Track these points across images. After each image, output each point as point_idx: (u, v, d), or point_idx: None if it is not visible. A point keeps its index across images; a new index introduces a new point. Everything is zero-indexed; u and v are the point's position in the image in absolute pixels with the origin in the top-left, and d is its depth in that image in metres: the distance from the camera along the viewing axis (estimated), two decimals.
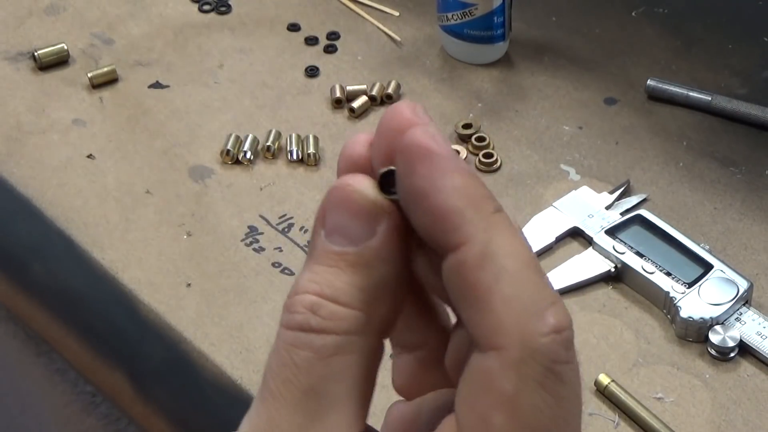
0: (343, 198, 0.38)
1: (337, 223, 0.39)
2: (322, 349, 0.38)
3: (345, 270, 0.38)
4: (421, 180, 0.37)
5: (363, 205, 0.38)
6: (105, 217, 0.89)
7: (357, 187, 0.38)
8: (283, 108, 0.98)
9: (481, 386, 0.37)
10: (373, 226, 0.38)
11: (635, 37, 1.03)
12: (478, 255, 0.37)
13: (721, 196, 0.88)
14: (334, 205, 0.39)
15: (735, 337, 0.77)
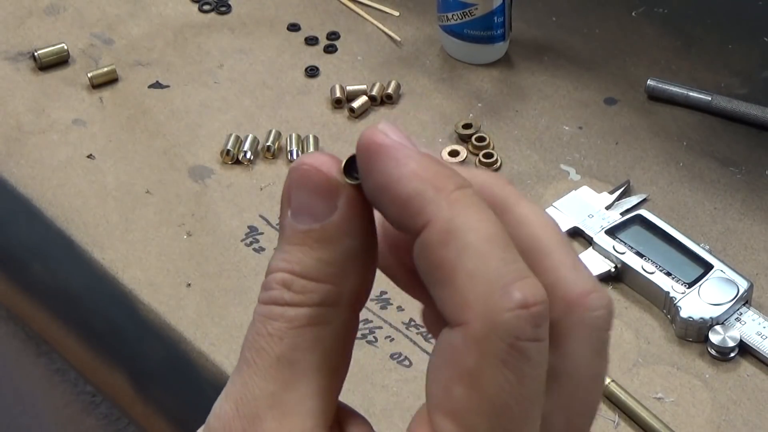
0: (302, 176, 0.40)
1: (301, 203, 0.40)
2: (295, 320, 0.39)
3: (312, 246, 0.40)
4: (380, 175, 0.38)
5: (320, 182, 0.39)
6: (105, 217, 0.89)
7: (313, 163, 0.40)
8: (283, 108, 0.98)
9: (446, 360, 0.37)
10: (334, 202, 0.39)
11: (635, 37, 1.03)
12: (441, 232, 0.37)
13: (721, 196, 0.88)
14: (295, 185, 0.40)
15: (735, 337, 0.77)
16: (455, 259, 0.37)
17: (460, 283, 0.37)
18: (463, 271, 0.37)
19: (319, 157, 0.40)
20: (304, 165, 0.40)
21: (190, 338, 0.80)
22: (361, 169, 0.39)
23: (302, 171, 0.40)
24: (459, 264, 0.37)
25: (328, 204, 0.40)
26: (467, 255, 0.37)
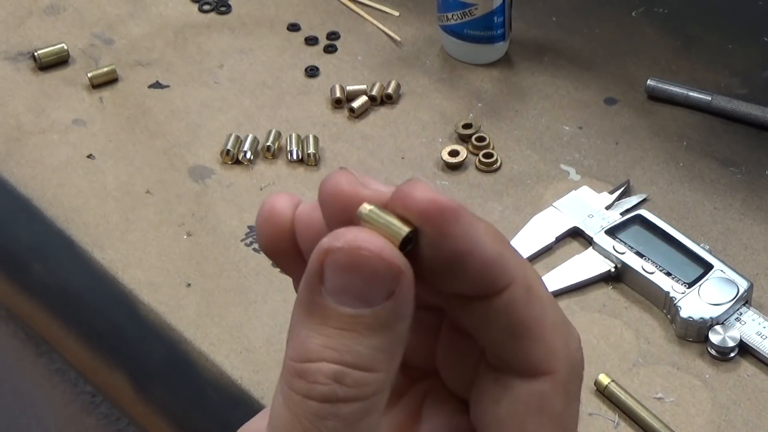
0: (354, 262, 0.37)
1: (347, 285, 0.37)
2: (351, 416, 0.37)
3: (362, 333, 0.37)
4: (459, 241, 0.37)
5: (379, 269, 0.37)
6: (105, 217, 0.89)
7: (370, 249, 0.37)
8: (283, 108, 0.98)
9: (533, 409, 0.38)
10: (391, 288, 0.37)
11: (635, 37, 1.03)
12: (525, 291, 0.38)
13: (721, 196, 0.88)
14: (342, 268, 0.37)
15: (735, 337, 0.77)
16: (540, 313, 0.38)
17: (547, 335, 0.38)
18: (548, 324, 0.38)
19: (373, 239, 0.37)
20: (359, 251, 0.37)
21: (190, 338, 0.80)
22: (434, 235, 0.37)
23: (357, 255, 0.37)
24: (543, 318, 0.38)
25: (383, 291, 0.37)
26: (548, 309, 0.39)
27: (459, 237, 0.37)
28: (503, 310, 0.38)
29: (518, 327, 0.38)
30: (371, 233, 0.37)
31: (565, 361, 0.38)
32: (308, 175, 0.92)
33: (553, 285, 0.81)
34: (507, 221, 0.87)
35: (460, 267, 0.37)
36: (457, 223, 0.37)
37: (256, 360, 0.78)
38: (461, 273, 0.37)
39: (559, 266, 0.83)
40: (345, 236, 0.37)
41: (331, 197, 0.40)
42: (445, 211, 0.37)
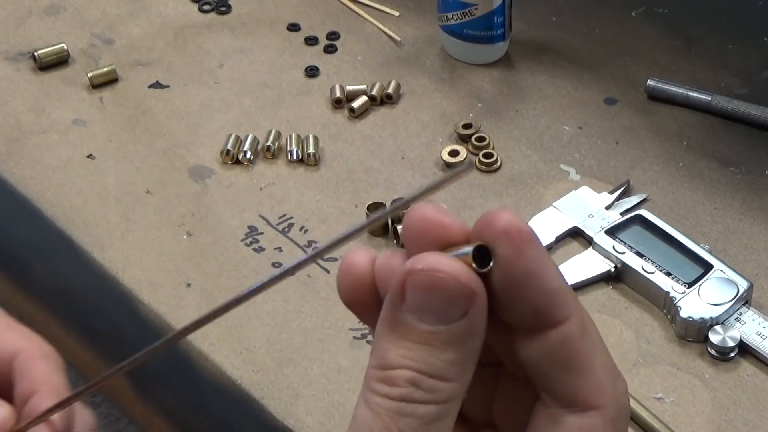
0: (433, 283, 0.40)
1: (426, 304, 0.41)
2: (426, 417, 0.41)
3: (439, 347, 0.41)
4: (532, 262, 0.41)
5: (455, 290, 0.40)
6: (105, 217, 0.89)
7: (448, 271, 0.40)
8: (283, 108, 0.98)
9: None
10: (466, 308, 0.41)
11: (635, 37, 1.03)
12: (580, 328, 0.41)
13: (721, 196, 0.88)
14: (422, 288, 0.41)
15: (735, 337, 0.77)
16: (592, 351, 0.42)
17: (597, 371, 0.41)
18: (600, 361, 0.42)
19: (451, 262, 0.41)
20: (438, 273, 0.40)
21: (190, 338, 0.80)
22: (510, 253, 0.41)
23: (433, 277, 0.40)
24: (595, 355, 0.42)
25: (459, 310, 0.41)
26: (599, 348, 0.42)
27: (532, 259, 0.41)
28: (559, 343, 0.41)
29: (572, 360, 0.41)
30: (449, 257, 0.41)
31: (613, 398, 0.42)
32: (308, 175, 0.92)
33: None
34: None
35: (528, 289, 0.41)
36: (533, 245, 0.41)
37: (256, 360, 0.78)
38: (528, 296, 0.41)
39: (559, 266, 0.83)
40: (426, 259, 0.41)
41: (416, 222, 0.43)
42: (524, 232, 0.41)
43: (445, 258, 0.41)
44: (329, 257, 0.85)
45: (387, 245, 0.86)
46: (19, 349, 0.65)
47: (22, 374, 0.64)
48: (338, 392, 0.76)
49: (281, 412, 0.75)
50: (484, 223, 0.42)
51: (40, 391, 0.63)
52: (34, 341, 0.66)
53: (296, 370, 0.78)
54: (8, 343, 0.65)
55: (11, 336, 0.66)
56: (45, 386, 0.63)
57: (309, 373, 0.77)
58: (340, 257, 0.85)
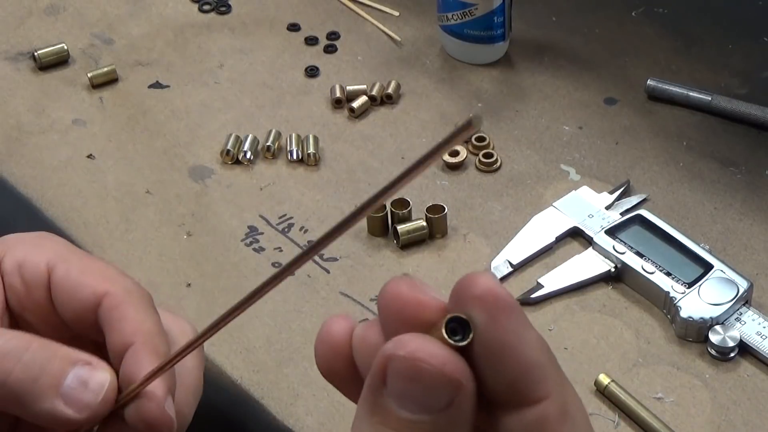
0: (415, 372, 0.38)
1: (408, 391, 0.38)
2: None
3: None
4: (507, 333, 0.38)
5: (440, 381, 0.38)
6: (105, 217, 0.89)
7: (431, 362, 0.37)
8: (283, 108, 0.98)
9: None
10: (451, 398, 0.38)
11: (635, 37, 1.03)
12: (559, 411, 0.38)
13: (721, 196, 0.88)
14: (403, 376, 0.38)
15: (735, 337, 0.77)
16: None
17: None
18: None
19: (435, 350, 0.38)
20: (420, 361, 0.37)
21: None
22: (486, 323, 0.38)
23: (416, 366, 0.38)
24: None
25: (443, 399, 0.38)
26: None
27: (509, 329, 0.38)
28: (534, 424, 0.38)
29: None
30: (433, 342, 0.38)
31: None
32: (308, 175, 0.92)
33: (553, 285, 0.81)
34: (507, 221, 0.87)
35: (503, 361, 0.38)
36: (511, 315, 0.38)
37: (256, 360, 0.78)
38: (502, 370, 0.38)
39: (559, 266, 0.83)
40: (407, 345, 0.38)
41: (391, 301, 0.40)
42: (501, 300, 0.38)
43: (429, 344, 0.38)
44: (329, 257, 0.85)
45: (387, 245, 0.86)
46: (102, 294, 0.60)
47: (110, 325, 0.59)
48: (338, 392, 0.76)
49: (281, 412, 0.75)
50: (461, 287, 0.39)
51: (134, 344, 0.57)
52: (118, 281, 0.61)
53: (296, 370, 0.78)
54: (88, 289, 0.60)
55: (89, 280, 0.60)
56: (138, 336, 0.58)
57: (309, 373, 0.77)
58: (339, 257, 0.85)
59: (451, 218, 0.87)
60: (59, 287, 0.61)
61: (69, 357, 0.56)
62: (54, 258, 0.62)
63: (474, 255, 0.85)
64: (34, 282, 0.61)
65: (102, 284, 0.60)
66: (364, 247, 0.86)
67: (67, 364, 0.56)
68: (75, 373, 0.56)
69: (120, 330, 0.58)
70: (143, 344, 0.57)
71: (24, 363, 0.55)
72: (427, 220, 0.86)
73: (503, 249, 0.84)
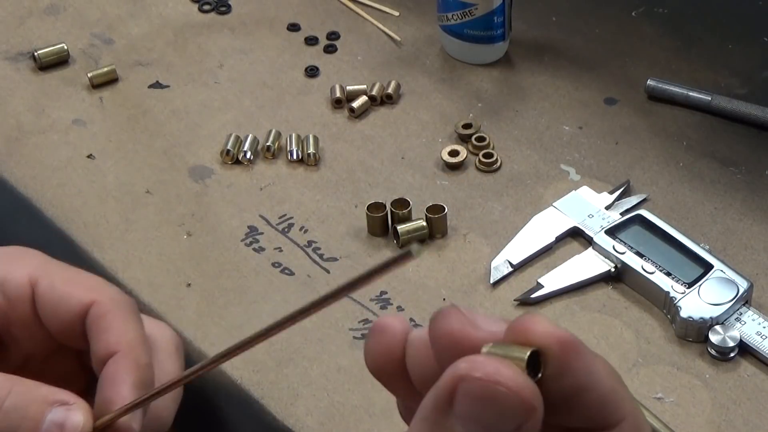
0: (490, 395, 0.37)
1: (478, 415, 0.37)
2: None
3: None
4: (580, 375, 0.38)
5: (515, 405, 0.37)
6: (105, 217, 0.89)
7: (510, 385, 0.37)
8: (283, 108, 0.98)
9: None
10: (521, 423, 0.37)
11: (635, 37, 1.03)
12: (634, 428, 0.39)
13: (721, 196, 0.88)
14: (476, 398, 0.37)
15: (735, 337, 0.77)
16: None
17: None
18: None
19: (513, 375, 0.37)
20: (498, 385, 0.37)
21: (190, 338, 0.80)
22: (557, 367, 0.38)
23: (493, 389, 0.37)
24: None
25: (513, 424, 0.37)
26: None
27: (580, 371, 0.38)
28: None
29: None
30: (511, 366, 0.37)
31: None
32: (308, 175, 0.92)
33: (553, 285, 0.81)
34: (507, 221, 0.87)
35: (578, 401, 0.38)
36: (578, 357, 0.38)
37: (256, 360, 0.78)
38: (579, 406, 0.39)
39: (559, 266, 0.83)
40: (485, 367, 0.37)
41: (442, 339, 0.40)
42: (566, 344, 0.38)
43: (505, 368, 0.37)
44: (329, 257, 0.85)
45: (387, 245, 0.86)
46: (89, 303, 0.62)
47: (96, 334, 0.61)
48: (338, 392, 0.76)
49: (281, 412, 0.75)
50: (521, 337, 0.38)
51: (117, 353, 0.60)
52: (103, 290, 0.63)
53: (296, 370, 0.78)
54: (74, 299, 0.62)
55: (78, 290, 0.63)
56: (121, 346, 0.60)
57: (309, 373, 0.77)
58: (339, 257, 0.85)
59: (451, 218, 0.87)
60: (44, 300, 0.63)
61: (47, 399, 0.59)
62: (35, 272, 0.65)
63: (474, 255, 0.85)
64: (18, 297, 0.64)
65: (88, 294, 0.62)
66: (364, 247, 0.86)
67: (45, 406, 0.59)
68: (52, 417, 0.59)
69: (105, 339, 0.61)
70: (124, 355, 0.60)
71: (4, 411, 0.58)
72: (427, 220, 0.86)
73: (503, 249, 0.84)
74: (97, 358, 0.61)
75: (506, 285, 0.82)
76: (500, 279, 0.83)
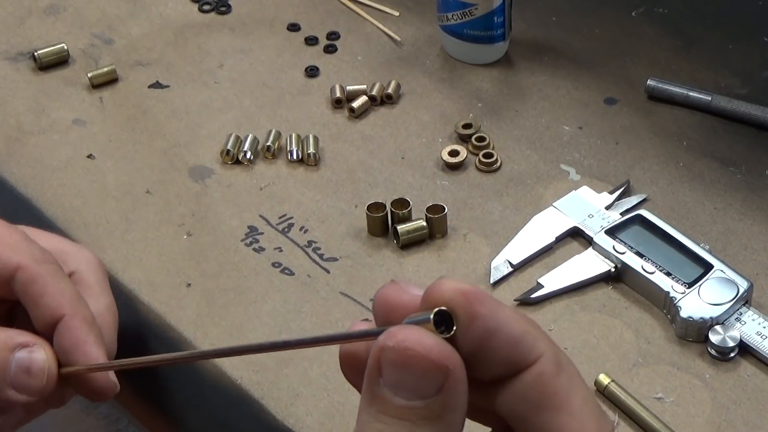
0: (405, 360, 0.40)
1: (401, 380, 0.40)
2: None
3: (416, 422, 0.41)
4: (488, 320, 0.41)
5: (428, 367, 0.40)
6: (105, 217, 0.89)
7: (418, 350, 0.40)
8: (283, 108, 0.98)
9: None
10: (441, 383, 0.40)
11: (635, 37, 1.03)
12: (554, 364, 0.41)
13: (721, 196, 0.88)
14: (395, 365, 0.40)
15: (735, 337, 0.77)
16: (568, 386, 0.41)
17: (576, 407, 0.41)
18: (578, 397, 0.41)
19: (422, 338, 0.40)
20: (408, 350, 0.40)
21: (190, 338, 0.80)
22: (465, 317, 0.41)
23: (405, 354, 0.40)
24: (573, 391, 0.41)
25: (434, 385, 0.40)
26: (577, 383, 0.42)
27: (487, 316, 0.41)
28: (533, 382, 0.41)
29: (548, 399, 0.41)
30: (420, 331, 0.41)
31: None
32: (308, 175, 0.92)
33: (553, 285, 0.81)
34: (507, 221, 0.87)
35: (492, 344, 0.41)
36: (483, 303, 0.41)
37: (256, 360, 0.78)
38: (494, 350, 0.41)
39: (559, 266, 0.83)
40: (396, 336, 0.40)
41: (378, 305, 0.44)
42: (470, 294, 0.41)
43: (417, 333, 0.40)
44: (329, 257, 0.85)
45: (387, 245, 0.86)
46: (15, 267, 0.64)
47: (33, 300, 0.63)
48: (338, 392, 0.76)
49: (281, 412, 0.75)
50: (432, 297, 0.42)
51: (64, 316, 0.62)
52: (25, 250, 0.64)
53: (296, 370, 0.78)
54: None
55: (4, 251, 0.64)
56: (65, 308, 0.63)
57: (309, 373, 0.77)
58: (339, 257, 0.85)
59: (451, 218, 0.87)
60: None
61: (7, 344, 0.61)
62: None
63: (474, 255, 0.85)
64: None
65: (13, 257, 0.64)
66: (364, 247, 0.86)
67: (8, 352, 0.61)
68: (16, 361, 0.61)
69: (44, 305, 0.63)
70: (72, 316, 0.62)
71: None
72: (427, 220, 0.86)
73: (503, 249, 0.84)
74: (43, 324, 0.63)
75: (506, 285, 0.83)
76: (500, 279, 0.83)
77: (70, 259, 0.68)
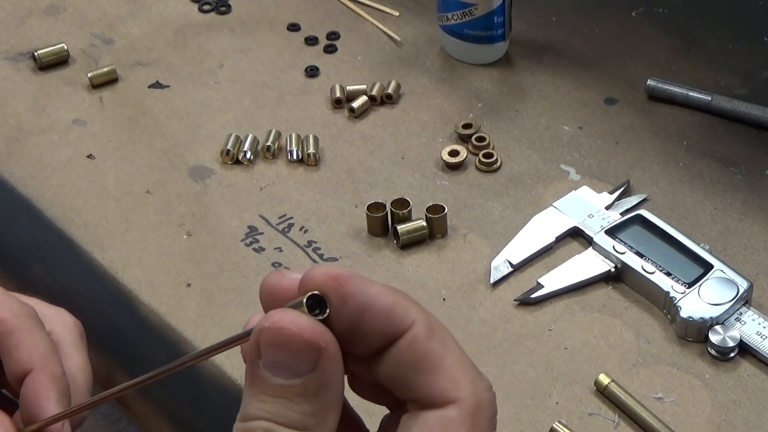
0: (280, 340, 0.43)
1: (278, 360, 0.43)
2: None
3: (293, 400, 0.43)
4: (359, 297, 0.43)
5: (301, 346, 0.43)
6: (105, 217, 0.89)
7: (291, 328, 0.43)
8: (283, 108, 0.98)
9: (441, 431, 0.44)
10: (315, 361, 0.43)
11: (635, 37, 1.03)
12: (427, 328, 0.44)
13: (721, 196, 0.88)
14: (271, 345, 0.43)
15: (735, 337, 0.77)
16: (442, 349, 0.44)
17: (450, 367, 0.44)
18: (452, 358, 0.44)
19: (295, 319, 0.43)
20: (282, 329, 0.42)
21: (190, 338, 0.80)
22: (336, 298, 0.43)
23: (280, 334, 0.43)
24: (446, 353, 0.44)
25: (308, 363, 0.43)
26: (451, 345, 0.44)
27: (357, 293, 0.43)
28: (407, 347, 0.44)
29: (422, 361, 0.44)
30: (294, 313, 0.43)
31: (470, 392, 0.43)
32: (308, 175, 0.92)
33: (553, 285, 0.81)
34: (507, 221, 0.87)
35: (366, 319, 0.43)
36: (351, 282, 0.43)
37: None
38: (368, 324, 0.43)
39: (559, 266, 0.83)
40: (272, 317, 0.43)
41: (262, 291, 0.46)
42: (339, 276, 0.43)
43: (291, 315, 0.43)
44: (329, 257, 0.85)
45: (387, 245, 0.86)
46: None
47: (8, 352, 0.64)
48: None
49: None
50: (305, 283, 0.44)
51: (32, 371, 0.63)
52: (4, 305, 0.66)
53: None
54: None
55: None
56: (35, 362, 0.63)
57: None
58: (339, 257, 0.85)
59: (451, 218, 0.87)
60: None
61: None
62: None
63: (474, 255, 0.85)
64: None
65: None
66: (364, 247, 0.86)
67: None
68: None
69: (17, 357, 0.64)
70: (40, 370, 0.63)
71: None
72: (427, 220, 0.86)
73: (503, 249, 0.84)
74: (14, 377, 0.64)
75: (506, 285, 0.83)
76: (500, 279, 0.83)
77: (47, 320, 0.69)
